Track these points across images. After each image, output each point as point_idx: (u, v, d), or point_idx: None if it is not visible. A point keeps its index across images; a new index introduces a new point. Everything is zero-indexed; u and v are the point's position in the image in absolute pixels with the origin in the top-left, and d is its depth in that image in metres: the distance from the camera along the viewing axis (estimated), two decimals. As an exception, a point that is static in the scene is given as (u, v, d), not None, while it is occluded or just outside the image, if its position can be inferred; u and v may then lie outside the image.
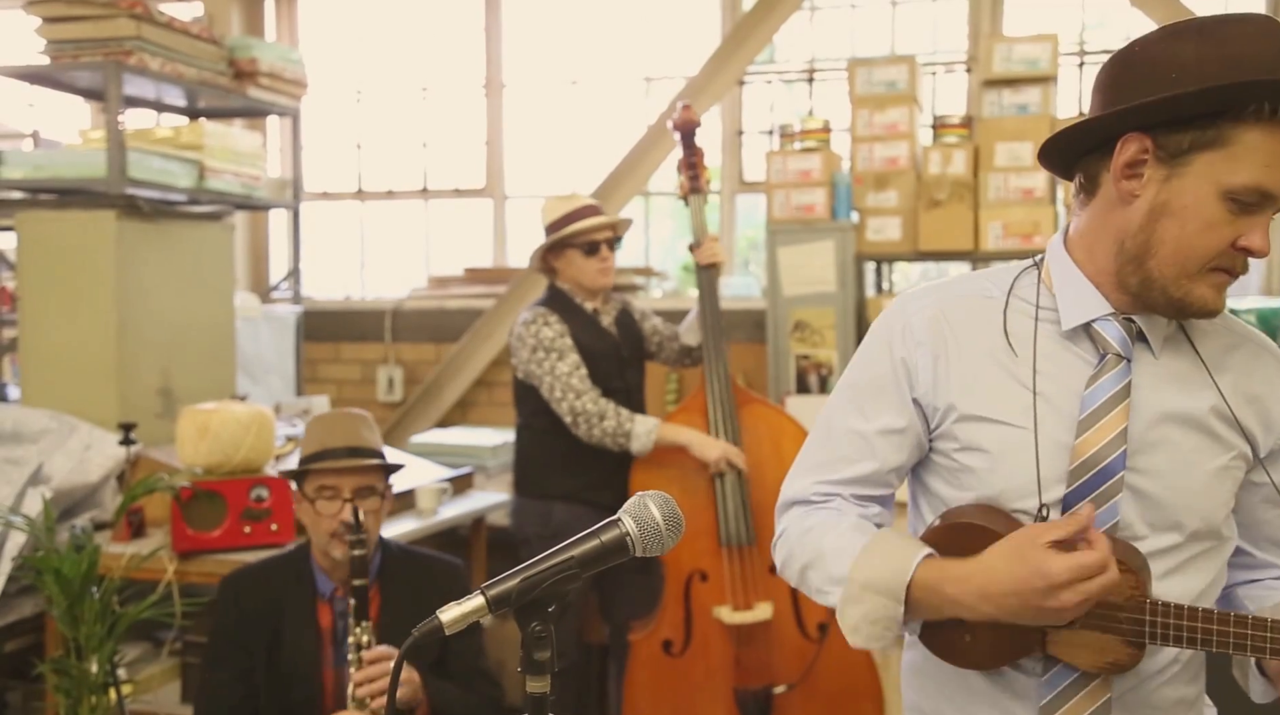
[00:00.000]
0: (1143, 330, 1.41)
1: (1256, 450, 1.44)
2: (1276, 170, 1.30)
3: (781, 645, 3.26)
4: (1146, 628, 1.33)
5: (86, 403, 3.43)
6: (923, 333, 1.46)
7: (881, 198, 3.89)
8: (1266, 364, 1.46)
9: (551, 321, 3.32)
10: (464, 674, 2.49)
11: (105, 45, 3.57)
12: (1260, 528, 1.49)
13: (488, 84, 5.06)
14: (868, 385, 1.51)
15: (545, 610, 1.11)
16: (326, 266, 5.37)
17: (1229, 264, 1.33)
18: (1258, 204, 1.31)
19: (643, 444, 3.23)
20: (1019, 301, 1.45)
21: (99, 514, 3.22)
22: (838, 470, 1.52)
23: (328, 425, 2.49)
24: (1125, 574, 1.32)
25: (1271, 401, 1.44)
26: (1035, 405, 1.39)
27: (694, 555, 3.28)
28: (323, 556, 2.46)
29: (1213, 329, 1.46)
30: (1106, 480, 1.37)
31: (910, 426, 1.48)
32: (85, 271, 3.50)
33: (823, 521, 1.49)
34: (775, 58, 4.81)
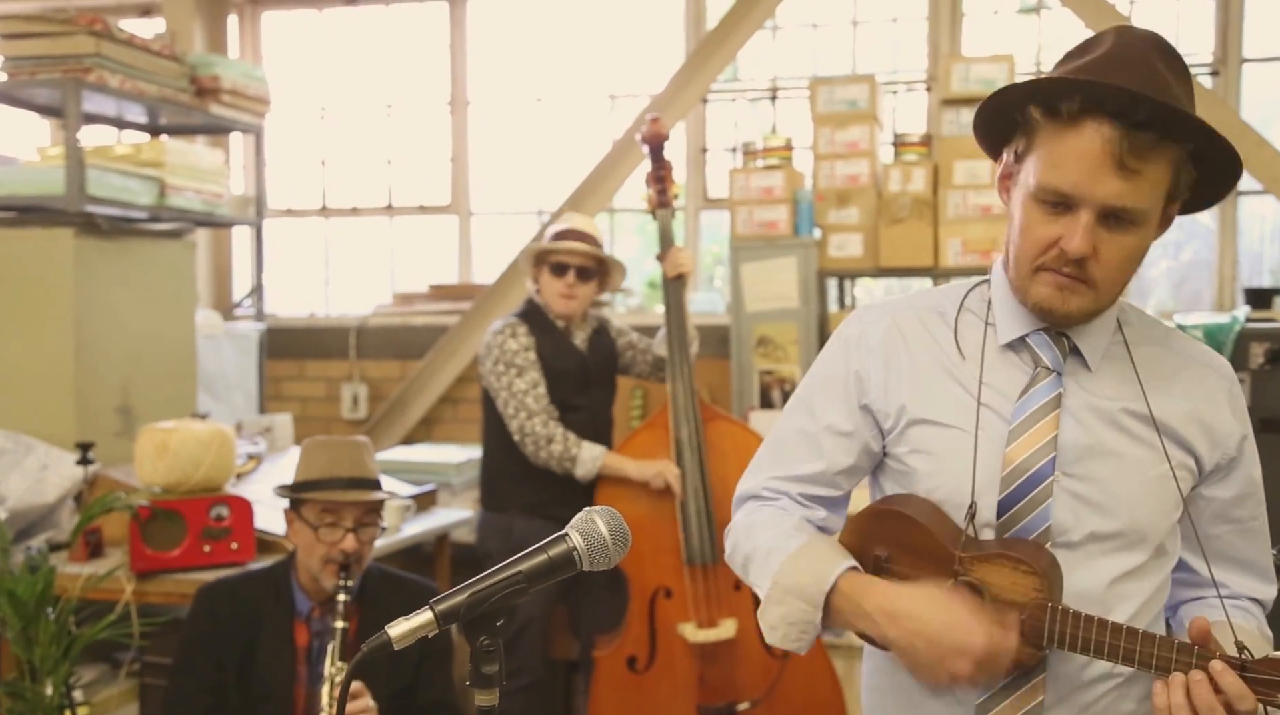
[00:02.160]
0: (1077, 345, 1.44)
1: (1202, 465, 1.45)
2: (1065, 171, 1.32)
3: (746, 662, 3.26)
4: (1045, 632, 1.35)
5: (44, 422, 3.39)
6: (876, 342, 1.51)
7: (843, 215, 3.93)
8: (1211, 384, 1.47)
9: (519, 333, 3.33)
10: (431, 705, 2.48)
11: (64, 62, 3.55)
12: (1209, 543, 1.49)
13: (452, 101, 5.07)
14: (818, 386, 1.57)
15: (494, 624, 1.12)
16: (291, 283, 5.35)
17: (1053, 264, 1.36)
18: (1063, 204, 1.34)
19: (587, 470, 3.27)
20: (969, 314, 1.50)
21: (56, 534, 3.18)
22: (787, 468, 1.57)
23: (333, 452, 2.47)
24: (1028, 576, 1.35)
25: (1215, 419, 1.45)
26: (979, 411, 1.43)
27: (659, 572, 3.29)
28: (308, 578, 2.45)
29: (1159, 350, 1.48)
30: (1036, 486, 1.40)
31: (857, 432, 1.52)
32: (43, 289, 3.47)
33: (766, 518, 1.54)
34: (738, 76, 4.86)
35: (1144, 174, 1.31)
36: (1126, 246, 1.35)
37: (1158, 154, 1.31)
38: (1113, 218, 1.33)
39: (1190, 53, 4.39)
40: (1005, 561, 1.37)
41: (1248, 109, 4.32)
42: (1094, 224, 1.32)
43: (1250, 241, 4.51)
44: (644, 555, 3.28)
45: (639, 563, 3.28)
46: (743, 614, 3.24)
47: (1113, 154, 1.29)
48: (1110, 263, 1.35)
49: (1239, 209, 4.40)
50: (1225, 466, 1.47)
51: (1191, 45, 4.40)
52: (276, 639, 2.44)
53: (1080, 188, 1.32)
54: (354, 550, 2.37)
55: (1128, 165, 1.30)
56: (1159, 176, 1.33)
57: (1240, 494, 1.49)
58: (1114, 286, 1.39)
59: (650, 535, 3.28)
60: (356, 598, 2.48)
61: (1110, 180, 1.30)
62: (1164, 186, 1.34)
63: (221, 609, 2.47)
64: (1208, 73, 4.36)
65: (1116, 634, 1.33)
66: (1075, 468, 1.41)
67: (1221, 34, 4.34)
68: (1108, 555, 1.42)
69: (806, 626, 1.43)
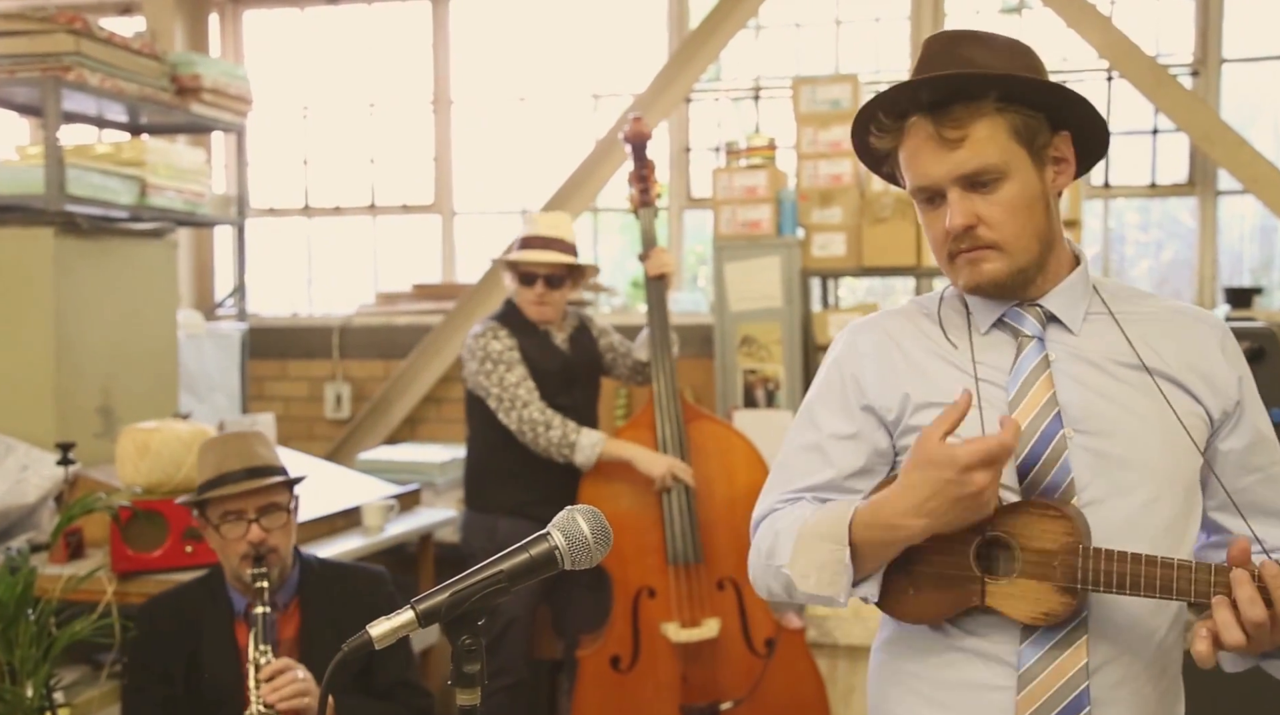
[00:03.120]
0: (1053, 312, 1.49)
1: (1210, 413, 1.47)
2: (914, 171, 1.45)
3: (729, 661, 3.27)
4: (1078, 572, 1.35)
5: (23, 422, 3.37)
6: (867, 348, 1.56)
7: (826, 214, 3.94)
8: (1201, 332, 1.50)
9: (501, 335, 3.33)
10: (390, 686, 2.47)
11: (43, 60, 3.53)
12: (1239, 497, 1.49)
13: (436, 100, 5.06)
14: (816, 401, 1.60)
15: (475, 624, 1.12)
16: (273, 283, 5.33)
17: (955, 248, 1.45)
18: (936, 197, 1.45)
19: (587, 456, 3.24)
20: (949, 309, 1.56)
21: (36, 535, 3.16)
22: (798, 482, 1.59)
23: (222, 449, 2.42)
24: (1058, 520, 1.37)
25: (1211, 366, 1.47)
26: (978, 386, 1.46)
27: (642, 572, 3.29)
28: (235, 579, 2.43)
29: (1142, 307, 1.52)
30: (1048, 444, 1.43)
31: (861, 433, 1.55)
32: (22, 289, 3.45)
33: (784, 512, 1.57)
34: (721, 76, 4.86)
35: (970, 136, 1.40)
36: (1004, 200, 1.42)
37: (970, 114, 1.40)
38: (977, 183, 1.42)
39: (1170, 53, 4.42)
40: (1031, 509, 1.38)
41: (1227, 109, 4.35)
42: (961, 196, 1.42)
43: (1230, 241, 4.54)
44: (627, 555, 3.28)
45: (622, 562, 3.28)
46: (725, 613, 3.24)
47: (933, 136, 1.41)
48: (997, 219, 1.42)
49: (1219, 209, 4.43)
50: (1233, 414, 1.48)
51: (1171, 45, 4.43)
52: (219, 642, 2.42)
53: (929, 176, 1.43)
54: (260, 539, 2.33)
55: (949, 137, 1.41)
56: (988, 131, 1.41)
57: (1253, 441, 1.49)
58: (1018, 238, 1.43)
59: (634, 535, 3.28)
60: (297, 590, 2.47)
61: (945, 155, 1.41)
62: (1003, 134, 1.41)
63: (162, 624, 2.45)
64: (1188, 73, 4.39)
65: (1151, 564, 1.33)
66: (1084, 424, 1.44)
67: (1201, 35, 4.37)
68: (1131, 509, 1.42)
69: (837, 567, 1.43)
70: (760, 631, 3.26)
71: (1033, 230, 1.44)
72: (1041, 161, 1.46)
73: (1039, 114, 1.44)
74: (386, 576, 2.62)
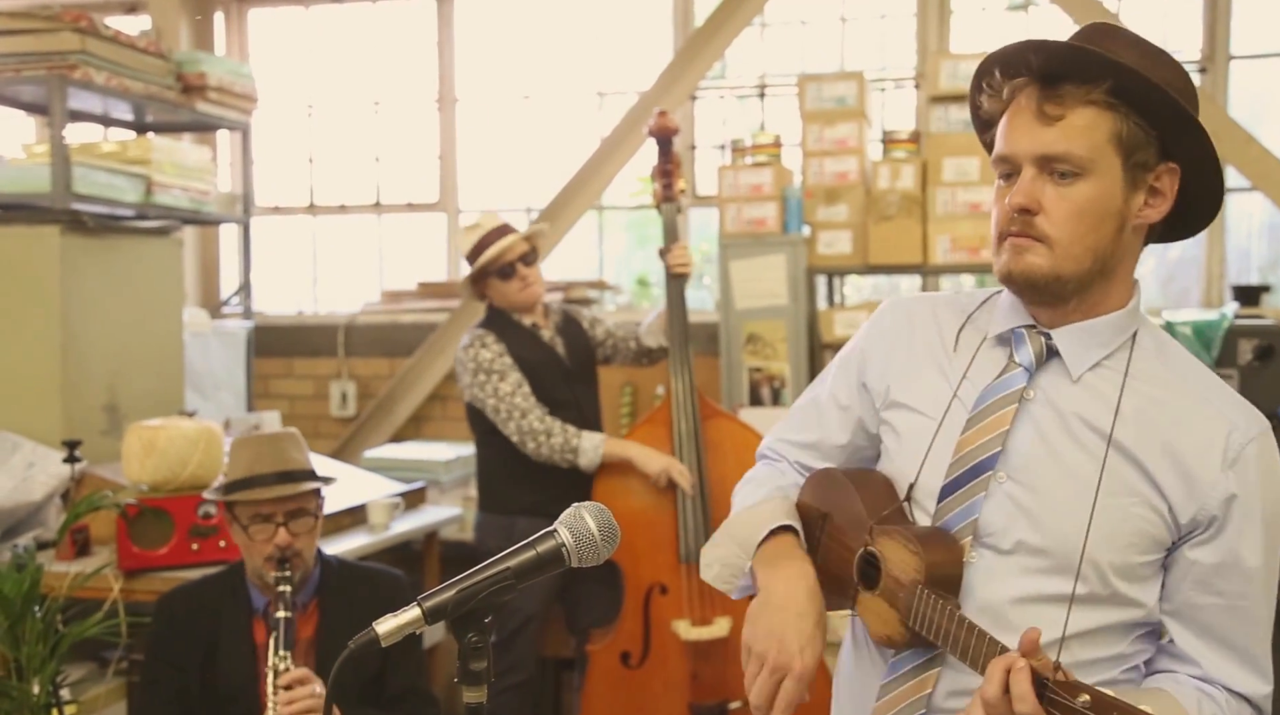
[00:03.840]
0: (1057, 348, 1.40)
1: (1175, 513, 1.34)
2: (1004, 138, 1.40)
3: (739, 661, 3.25)
4: (911, 612, 1.37)
5: (30, 420, 3.37)
6: (887, 326, 1.58)
7: (832, 212, 3.93)
8: (1211, 428, 1.35)
9: (489, 342, 3.33)
10: (401, 692, 2.47)
11: (49, 59, 3.53)
12: (1194, 614, 1.37)
13: (440, 98, 5.05)
14: (838, 361, 1.65)
15: (482, 621, 1.11)
16: (279, 281, 5.33)
17: (1006, 229, 1.39)
18: (1014, 173, 1.39)
19: (590, 459, 3.25)
20: (982, 313, 1.51)
21: (43, 533, 3.17)
22: (792, 432, 1.67)
23: (255, 449, 2.43)
24: (913, 556, 1.37)
25: (1198, 465, 1.34)
26: (951, 402, 1.45)
27: (655, 568, 3.29)
28: (257, 577, 2.44)
29: (1168, 377, 1.40)
30: (975, 477, 1.39)
31: (853, 407, 1.59)
32: (28, 287, 3.45)
33: (757, 474, 1.67)
34: (727, 73, 4.85)
35: (1068, 119, 1.34)
36: (1075, 198, 1.34)
37: (1077, 97, 1.34)
38: (1055, 170, 1.35)
39: (1178, 50, 4.41)
40: (900, 539, 1.40)
41: (1235, 107, 4.33)
42: (1034, 177, 1.36)
43: (1238, 238, 4.53)
44: (640, 551, 3.28)
45: (635, 559, 3.28)
46: (736, 613, 3.24)
47: (1034, 107, 1.36)
48: (1060, 216, 1.34)
49: (1227, 206, 4.41)
50: (1206, 525, 1.34)
51: (1179, 42, 4.42)
52: (236, 638, 2.44)
53: (1012, 145, 1.38)
54: (287, 544, 2.35)
55: (1048, 113, 1.34)
56: (1089, 120, 1.34)
57: (1224, 563, 1.34)
58: (1073, 244, 1.34)
59: (647, 531, 3.28)
60: (316, 591, 2.48)
61: (1036, 131, 1.35)
62: (1102, 132, 1.34)
63: (180, 615, 2.46)
64: (1196, 70, 4.37)
65: (960, 625, 1.31)
66: (1020, 473, 1.38)
67: (1209, 31, 4.36)
68: (1033, 574, 1.36)
69: (735, 570, 1.54)
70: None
71: (1092, 243, 1.34)
72: (1134, 181, 1.36)
73: (1153, 132, 1.35)
74: (405, 580, 2.64)
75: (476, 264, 3.37)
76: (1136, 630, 1.40)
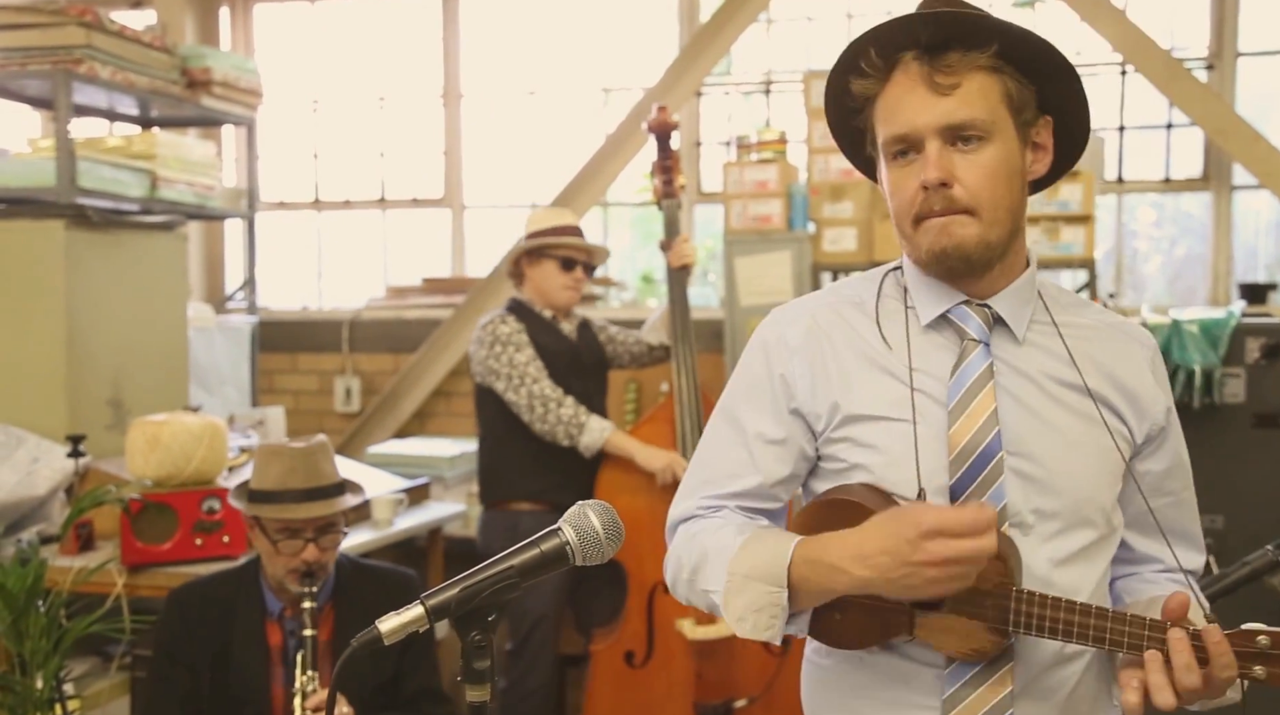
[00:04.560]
0: (1000, 315, 1.42)
1: (1134, 435, 1.44)
2: (895, 117, 1.36)
3: (743, 659, 3.26)
4: (1010, 615, 1.32)
5: (34, 414, 3.37)
6: (797, 342, 1.46)
7: (837, 208, 3.92)
8: (1134, 352, 1.46)
9: (509, 320, 3.35)
10: (415, 694, 2.47)
11: (54, 53, 3.53)
12: (1146, 517, 1.47)
13: (445, 94, 5.05)
14: (743, 397, 1.50)
15: (485, 619, 1.11)
16: (283, 276, 5.33)
17: (925, 209, 1.36)
18: (911, 151, 1.36)
19: (593, 439, 3.23)
20: (889, 301, 1.47)
21: (47, 527, 3.17)
22: (722, 486, 1.49)
23: (286, 462, 2.39)
24: (993, 561, 1.31)
25: (1139, 388, 1.44)
26: (913, 398, 1.40)
27: (658, 566, 3.26)
28: (276, 584, 2.43)
29: (1080, 320, 1.47)
30: (986, 464, 1.37)
31: (790, 438, 1.46)
32: (33, 282, 3.45)
33: (706, 526, 1.47)
34: (732, 69, 4.84)
35: (962, 86, 1.33)
36: (984, 162, 1.34)
37: (967, 64, 1.33)
38: (959, 138, 1.34)
39: (1185, 46, 4.39)
40: None
41: (1243, 103, 4.31)
42: (941, 149, 1.34)
43: (1245, 236, 4.51)
44: (644, 550, 3.27)
45: (639, 557, 3.27)
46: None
47: (924, 79, 1.34)
48: (974, 181, 1.34)
49: (1234, 204, 4.40)
50: (1156, 437, 1.46)
51: (1187, 39, 4.40)
52: (249, 640, 2.42)
53: (911, 123, 1.35)
54: (316, 560, 2.34)
55: (941, 83, 1.33)
56: (981, 84, 1.34)
57: (1170, 466, 1.48)
58: (995, 208, 1.35)
59: (651, 530, 3.26)
60: (332, 593, 2.47)
61: (933, 103, 1.33)
62: (995, 94, 1.35)
63: (191, 612, 2.45)
64: (1203, 67, 4.35)
65: (1085, 613, 1.31)
66: (1017, 445, 1.38)
67: (1217, 28, 4.34)
68: (1054, 537, 1.39)
69: (775, 610, 1.34)
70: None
71: (1008, 204, 1.37)
72: (1024, 138, 1.39)
73: (1031, 87, 1.38)
74: (417, 580, 2.63)
75: (551, 238, 3.37)
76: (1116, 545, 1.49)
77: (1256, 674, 1.26)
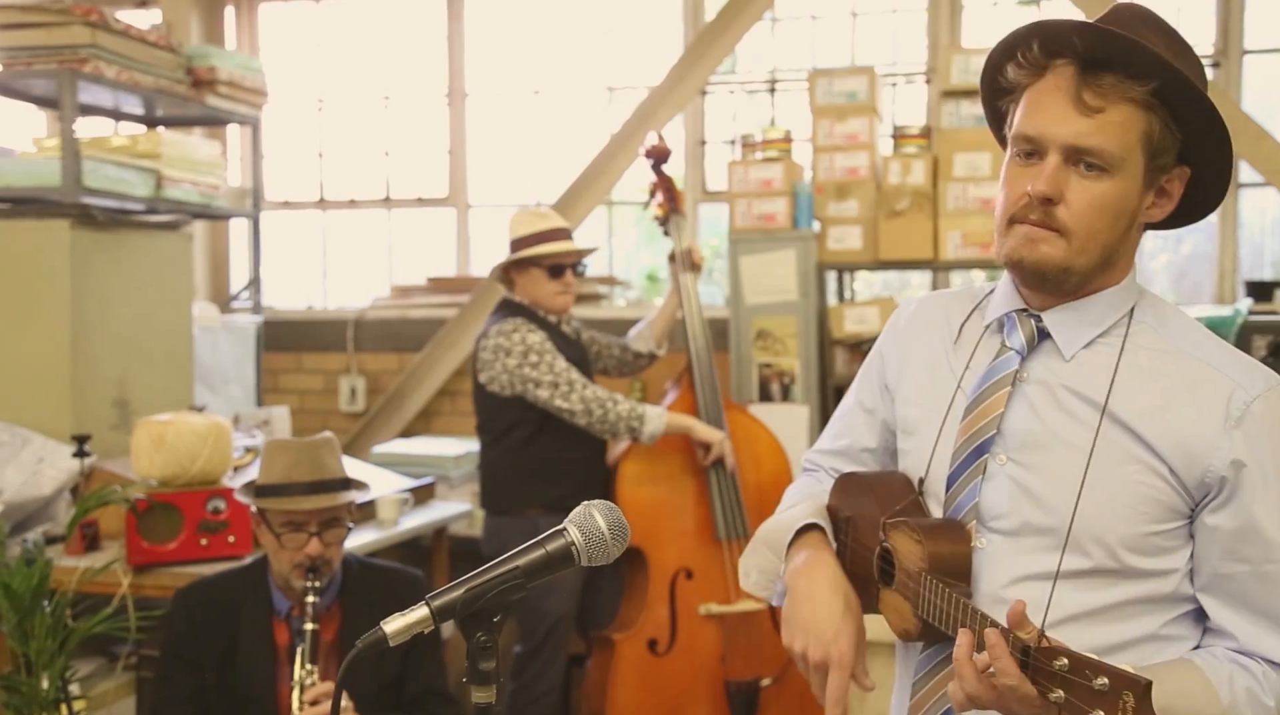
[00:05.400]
0: (1049, 331, 1.39)
1: (1180, 478, 1.31)
2: (1032, 116, 1.34)
3: (767, 639, 3.34)
4: (920, 601, 1.35)
5: (40, 415, 3.37)
6: (901, 325, 1.59)
7: (842, 207, 3.91)
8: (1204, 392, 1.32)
9: (534, 328, 3.30)
10: (420, 694, 2.47)
11: (59, 53, 3.53)
12: (1222, 584, 1.33)
13: (450, 93, 5.04)
14: (861, 370, 1.66)
15: (490, 620, 1.10)
16: (288, 276, 5.33)
17: (1023, 213, 1.34)
18: (1036, 154, 1.34)
19: (656, 426, 3.25)
20: (988, 301, 1.50)
21: (52, 527, 3.17)
22: (826, 442, 1.69)
23: (291, 455, 2.40)
24: (916, 545, 1.37)
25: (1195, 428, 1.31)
26: (955, 392, 1.45)
27: (680, 553, 3.32)
28: (282, 581, 2.43)
29: (1167, 350, 1.36)
30: (970, 463, 1.39)
31: (877, 410, 1.60)
32: (39, 281, 3.45)
33: (795, 487, 1.68)
34: (737, 68, 4.83)
35: (1107, 113, 1.29)
36: (1098, 193, 1.31)
37: (1119, 92, 1.29)
38: (1082, 162, 1.31)
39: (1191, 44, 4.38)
40: (907, 530, 1.40)
41: (1249, 101, 4.30)
42: (1060, 165, 1.31)
43: (1251, 233, 4.50)
44: (664, 538, 3.32)
45: (659, 545, 3.31)
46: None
47: (1072, 92, 1.30)
48: (1080, 209, 1.31)
49: (1240, 201, 4.38)
50: (1217, 489, 1.30)
51: (1192, 37, 4.38)
52: (257, 638, 2.42)
53: (1043, 127, 1.32)
54: (319, 554, 2.34)
55: (1087, 102, 1.29)
56: (1125, 117, 1.30)
57: (1244, 527, 1.30)
58: (1089, 239, 1.32)
59: (671, 518, 3.33)
60: (339, 592, 2.47)
61: (1071, 118, 1.30)
62: (1135, 131, 1.31)
63: (198, 611, 2.45)
64: (1209, 64, 4.34)
65: (954, 605, 1.29)
66: (1019, 453, 1.37)
67: (1223, 25, 4.33)
68: (1041, 553, 1.34)
69: (772, 575, 1.55)
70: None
71: (1105, 240, 1.33)
72: (1151, 182, 1.34)
73: (1179, 135, 1.33)
74: (424, 580, 2.63)
75: (533, 251, 3.32)
76: (1168, 609, 1.35)
77: (1052, 697, 1.12)
